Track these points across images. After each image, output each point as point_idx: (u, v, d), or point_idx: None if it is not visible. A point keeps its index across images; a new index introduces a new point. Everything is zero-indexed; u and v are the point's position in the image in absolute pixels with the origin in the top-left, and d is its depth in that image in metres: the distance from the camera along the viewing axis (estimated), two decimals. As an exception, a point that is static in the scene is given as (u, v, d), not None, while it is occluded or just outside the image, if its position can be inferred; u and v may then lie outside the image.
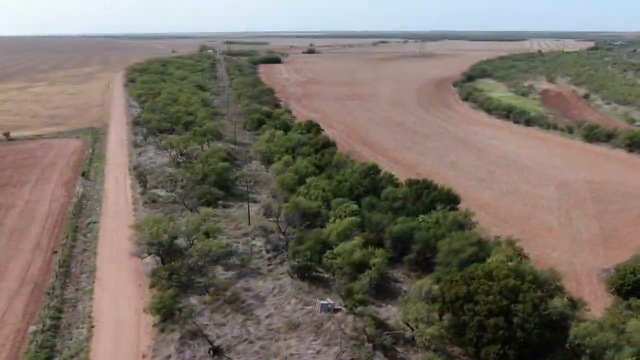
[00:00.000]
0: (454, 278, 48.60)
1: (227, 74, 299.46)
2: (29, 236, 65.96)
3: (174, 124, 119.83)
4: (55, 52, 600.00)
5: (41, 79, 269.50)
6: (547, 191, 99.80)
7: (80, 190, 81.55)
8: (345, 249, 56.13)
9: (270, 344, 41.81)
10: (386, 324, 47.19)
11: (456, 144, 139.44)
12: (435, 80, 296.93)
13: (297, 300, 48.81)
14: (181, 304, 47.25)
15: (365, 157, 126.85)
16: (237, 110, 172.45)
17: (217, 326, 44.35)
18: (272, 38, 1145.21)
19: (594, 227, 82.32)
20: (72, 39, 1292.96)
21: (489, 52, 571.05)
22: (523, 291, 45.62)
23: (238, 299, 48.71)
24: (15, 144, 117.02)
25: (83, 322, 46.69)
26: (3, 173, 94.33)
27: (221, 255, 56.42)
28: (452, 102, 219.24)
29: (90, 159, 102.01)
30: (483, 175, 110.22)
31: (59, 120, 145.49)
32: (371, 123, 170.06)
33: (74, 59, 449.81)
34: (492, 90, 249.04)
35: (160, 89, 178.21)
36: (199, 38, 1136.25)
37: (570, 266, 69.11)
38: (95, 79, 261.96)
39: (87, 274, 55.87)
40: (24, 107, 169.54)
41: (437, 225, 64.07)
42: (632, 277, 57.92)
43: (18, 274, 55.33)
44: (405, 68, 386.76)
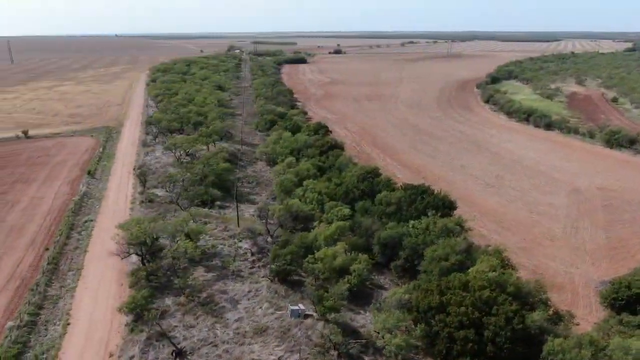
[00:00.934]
0: (429, 287, 47.64)
1: (250, 74, 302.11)
2: (26, 233, 67.96)
3: (184, 124, 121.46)
4: (89, 51, 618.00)
5: (70, 78, 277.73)
6: (556, 198, 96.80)
7: (83, 189, 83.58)
8: (326, 254, 55.71)
9: (234, 348, 41.84)
10: (359, 331, 46.54)
11: (469, 147, 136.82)
12: (459, 81, 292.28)
13: (270, 304, 48.70)
14: (155, 305, 47.79)
15: (373, 159, 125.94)
16: (253, 110, 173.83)
17: (186, 328, 44.67)
18: (302, 38, 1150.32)
19: (600, 238, 79.37)
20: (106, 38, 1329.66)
21: (519, 53, 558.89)
22: (497, 304, 44.30)
23: (212, 301, 48.95)
24: (32, 141, 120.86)
25: (60, 320, 47.75)
26: (16, 170, 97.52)
27: (204, 257, 56.78)
28: (472, 104, 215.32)
29: (99, 157, 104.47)
30: (492, 180, 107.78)
31: (78, 119, 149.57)
32: (386, 124, 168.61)
33: (105, 59, 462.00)
34: (516, 92, 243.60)
35: (178, 89, 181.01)
36: (230, 38, 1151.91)
37: (568, 277, 66.84)
38: (121, 79, 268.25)
39: (73, 271, 57.16)
40: (48, 105, 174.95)
41: (426, 231, 62.90)
42: (626, 291, 55.49)
43: (9, 270, 57.03)
44: (431, 69, 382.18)
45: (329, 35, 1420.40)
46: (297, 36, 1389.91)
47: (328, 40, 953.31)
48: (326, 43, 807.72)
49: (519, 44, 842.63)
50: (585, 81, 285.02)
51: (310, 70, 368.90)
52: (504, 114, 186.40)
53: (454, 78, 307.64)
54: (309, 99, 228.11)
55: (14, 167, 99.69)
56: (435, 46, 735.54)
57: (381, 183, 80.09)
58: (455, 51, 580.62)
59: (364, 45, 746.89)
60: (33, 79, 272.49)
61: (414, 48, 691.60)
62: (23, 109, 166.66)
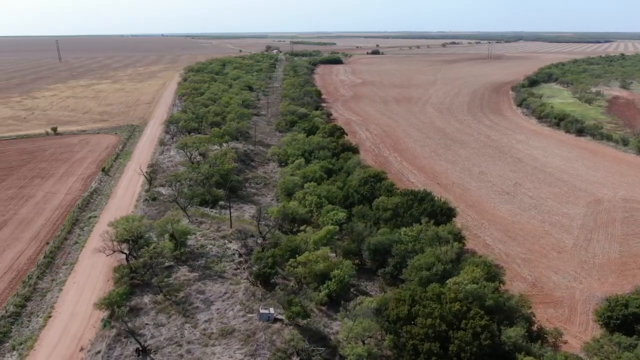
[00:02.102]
0: (401, 297, 46.65)
1: (283, 75, 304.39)
2: (33, 226, 71.05)
3: (201, 124, 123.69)
4: (134, 50, 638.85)
5: (109, 77, 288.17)
6: (574, 208, 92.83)
7: (94, 185, 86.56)
8: (308, 259, 55.50)
9: (196, 349, 42.34)
10: (329, 338, 46.13)
11: (492, 153, 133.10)
12: (495, 84, 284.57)
13: (243, 307, 48.97)
14: (132, 302, 48.97)
15: (390, 162, 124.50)
16: (278, 111, 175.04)
17: (156, 326, 45.54)
18: (342, 39, 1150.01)
19: (613, 251, 75.58)
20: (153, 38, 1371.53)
21: (565, 54, 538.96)
22: (467, 318, 42.90)
23: (187, 301, 49.70)
24: (59, 138, 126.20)
25: (44, 312, 49.68)
26: (38, 165, 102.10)
27: (190, 256, 57.72)
28: (504, 107, 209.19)
29: (117, 155, 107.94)
30: (509, 188, 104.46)
31: (107, 116, 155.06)
32: (410, 128, 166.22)
33: (148, 58, 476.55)
34: (554, 96, 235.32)
35: (206, 89, 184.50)
36: (272, 38, 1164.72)
37: (568, 292, 64.02)
38: (156, 78, 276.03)
39: (67, 266, 59.31)
40: (82, 103, 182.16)
41: (417, 239, 61.63)
42: (622, 309, 52.56)
43: (8, 262, 59.82)
44: (468, 71, 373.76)
45: (370, 36, 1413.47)
46: (338, 36, 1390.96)
47: (369, 41, 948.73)
48: (366, 43, 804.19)
49: (567, 45, 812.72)
50: (630, 85, 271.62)
51: (344, 71, 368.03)
52: (535, 118, 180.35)
53: (490, 80, 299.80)
54: (337, 100, 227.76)
55: (37, 162, 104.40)
56: (476, 47, 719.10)
57: (382, 188, 79.01)
58: (496, 52, 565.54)
59: (403, 46, 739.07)
60: (74, 77, 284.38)
61: (454, 49, 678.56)
62: (58, 107, 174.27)
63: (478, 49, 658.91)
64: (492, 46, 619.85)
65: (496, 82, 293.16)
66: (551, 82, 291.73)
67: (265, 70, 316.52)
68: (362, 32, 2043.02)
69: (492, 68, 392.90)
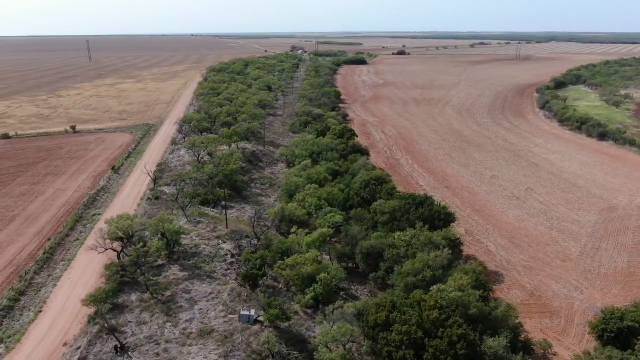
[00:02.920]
0: (382, 302, 46.23)
1: (304, 75, 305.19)
2: (38, 222, 73.20)
3: (212, 124, 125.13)
4: (162, 50, 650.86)
5: (133, 76, 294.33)
6: (585, 215, 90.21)
7: (102, 183, 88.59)
8: (296, 261, 55.55)
9: (173, 348, 42.87)
10: (309, 342, 46.04)
11: (508, 157, 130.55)
12: (520, 85, 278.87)
13: (226, 307, 49.33)
14: (119, 299, 49.96)
15: (401, 165, 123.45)
16: (294, 111, 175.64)
17: (138, 324, 46.30)
18: (369, 39, 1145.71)
19: (620, 261, 73.09)
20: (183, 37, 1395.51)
21: (597, 55, 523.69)
22: (444, 326, 42.17)
23: (172, 300, 50.38)
24: (77, 136, 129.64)
25: (36, 306, 51.13)
26: (53, 162, 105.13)
27: (182, 256, 58.51)
28: (526, 110, 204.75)
29: (129, 153, 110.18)
30: (519, 193, 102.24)
31: (125, 115, 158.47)
32: (427, 130, 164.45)
33: (174, 57, 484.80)
34: (580, 98, 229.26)
35: (224, 89, 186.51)
36: (299, 37, 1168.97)
37: (567, 302, 62.19)
38: (178, 77, 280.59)
39: (65, 262, 60.88)
40: (103, 102, 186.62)
41: (409, 244, 60.92)
42: (617, 322, 50.71)
43: (9, 257, 61.78)
44: (494, 72, 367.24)
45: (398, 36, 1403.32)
46: (366, 36, 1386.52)
47: (396, 41, 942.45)
48: (393, 44, 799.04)
49: (601, 45, 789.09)
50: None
51: (367, 71, 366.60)
52: (556, 121, 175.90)
53: (515, 82, 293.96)
54: (356, 100, 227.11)
55: (52, 159, 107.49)
56: (505, 48, 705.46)
57: (383, 191, 78.38)
58: (525, 53, 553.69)
59: (430, 46, 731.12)
60: (101, 76, 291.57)
61: (482, 49, 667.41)
62: (80, 105, 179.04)
63: (507, 50, 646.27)
64: (521, 47, 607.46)
65: (521, 83, 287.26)
66: (579, 84, 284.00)
67: (288, 71, 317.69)
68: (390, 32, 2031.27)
69: (519, 69, 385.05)
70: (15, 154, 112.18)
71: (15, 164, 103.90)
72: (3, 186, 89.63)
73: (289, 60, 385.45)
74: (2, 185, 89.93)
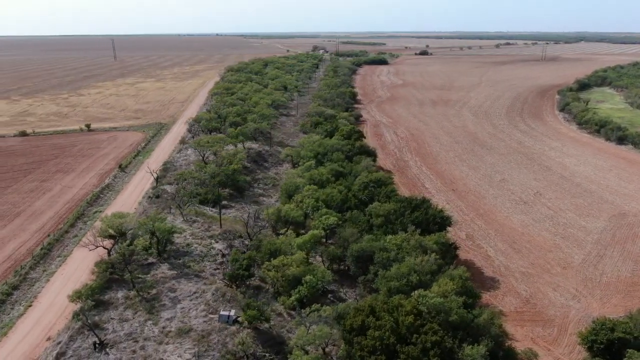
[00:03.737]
0: (361, 307, 45.95)
1: (323, 75, 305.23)
2: (41, 219, 75.10)
3: (221, 124, 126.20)
4: (186, 49, 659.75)
5: (154, 75, 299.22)
6: (593, 222, 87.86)
7: (107, 181, 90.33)
8: (283, 263, 55.65)
9: (149, 346, 43.42)
10: (288, 344, 46.04)
11: (520, 160, 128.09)
12: (542, 87, 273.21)
13: (208, 307, 49.71)
14: (106, 296, 50.88)
15: (409, 167, 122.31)
16: (307, 112, 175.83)
17: (120, 322, 47.05)
18: (394, 39, 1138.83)
19: (624, 270, 70.93)
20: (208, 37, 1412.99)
21: (627, 56, 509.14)
22: (419, 332, 41.65)
23: (156, 298, 51.03)
24: (91, 134, 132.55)
25: (27, 301, 52.49)
26: (64, 160, 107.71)
27: (173, 254, 59.26)
28: (545, 112, 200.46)
29: (138, 152, 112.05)
30: (527, 197, 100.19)
31: (140, 114, 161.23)
32: (440, 131, 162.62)
33: (197, 57, 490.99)
34: (603, 101, 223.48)
35: (239, 89, 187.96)
36: (323, 37, 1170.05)
37: (563, 311, 60.65)
38: (197, 77, 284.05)
39: (61, 258, 62.29)
40: (121, 101, 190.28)
41: (400, 247, 60.34)
42: (608, 333, 49.23)
43: (8, 252, 63.55)
44: (517, 73, 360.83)
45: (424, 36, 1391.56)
46: (391, 36, 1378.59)
47: (421, 41, 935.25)
48: (417, 44, 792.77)
49: (633, 46, 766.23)
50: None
51: (387, 71, 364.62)
52: (575, 124, 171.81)
53: (538, 83, 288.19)
54: (372, 101, 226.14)
55: (64, 157, 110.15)
56: (532, 48, 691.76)
57: (381, 193, 77.83)
58: (552, 54, 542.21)
59: (454, 47, 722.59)
60: (123, 75, 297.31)
61: (507, 50, 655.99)
62: (99, 104, 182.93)
63: (533, 51, 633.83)
64: (549, 47, 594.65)
65: (544, 85, 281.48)
66: (605, 86, 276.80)
67: (307, 71, 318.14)
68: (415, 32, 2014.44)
69: (544, 70, 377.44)
70: (31, 151, 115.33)
71: (29, 161, 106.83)
72: (14, 182, 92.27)
73: (309, 61, 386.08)
74: (14, 182, 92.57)
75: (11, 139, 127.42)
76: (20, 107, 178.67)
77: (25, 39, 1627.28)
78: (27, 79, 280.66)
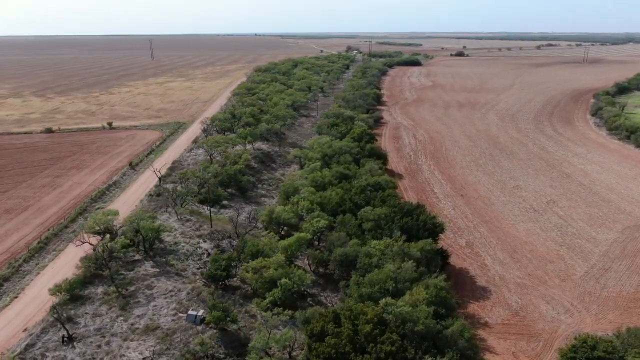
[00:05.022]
0: (325, 312, 45.61)
1: (352, 76, 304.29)
2: (46, 213, 78.04)
3: (234, 124, 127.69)
4: (222, 49, 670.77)
5: (186, 75, 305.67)
6: (605, 233, 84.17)
7: (115, 178, 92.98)
8: (260, 264, 55.87)
9: (114, 342, 44.44)
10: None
11: (539, 166, 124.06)
12: (579, 90, 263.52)
13: (180, 306, 50.44)
14: (86, 291, 52.45)
15: (421, 170, 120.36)
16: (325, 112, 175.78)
17: (93, 317, 48.35)
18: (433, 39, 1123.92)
19: (629, 285, 67.58)
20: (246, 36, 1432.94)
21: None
22: (377, 341, 40.96)
23: (133, 295, 52.17)
24: (112, 132, 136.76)
25: (14, 293, 54.67)
26: (81, 157, 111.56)
27: (159, 252, 60.47)
28: (576, 117, 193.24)
29: (151, 151, 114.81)
30: (539, 205, 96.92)
31: (163, 113, 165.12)
32: (461, 135, 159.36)
33: (232, 57, 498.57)
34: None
35: (261, 89, 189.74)
36: (362, 38, 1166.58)
37: (552, 325, 58.22)
38: (226, 77, 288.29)
39: (56, 252, 64.53)
40: (147, 100, 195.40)
41: (384, 253, 59.53)
42: (588, 352, 47.02)
43: (8, 245, 66.30)
44: (554, 75, 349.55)
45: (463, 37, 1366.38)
46: (429, 37, 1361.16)
47: (459, 42, 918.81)
48: (455, 45, 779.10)
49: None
50: None
51: (418, 73, 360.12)
52: (606, 129, 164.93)
53: (575, 86, 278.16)
54: (397, 102, 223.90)
55: (82, 154, 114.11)
56: (575, 50, 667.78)
57: (377, 198, 76.97)
58: (595, 56, 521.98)
59: (492, 48, 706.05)
60: (155, 75, 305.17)
61: (548, 51, 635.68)
62: (125, 102, 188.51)
63: (576, 52, 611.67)
64: (594, 49, 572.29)
65: (581, 88, 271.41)
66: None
67: (336, 72, 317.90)
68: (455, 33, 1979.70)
69: (584, 73, 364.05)
70: (52, 148, 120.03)
71: (49, 157, 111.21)
72: (30, 177, 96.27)
73: (340, 61, 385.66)
74: (30, 176, 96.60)
75: (37, 135, 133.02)
76: (52, 104, 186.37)
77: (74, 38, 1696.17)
78: (66, 78, 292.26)
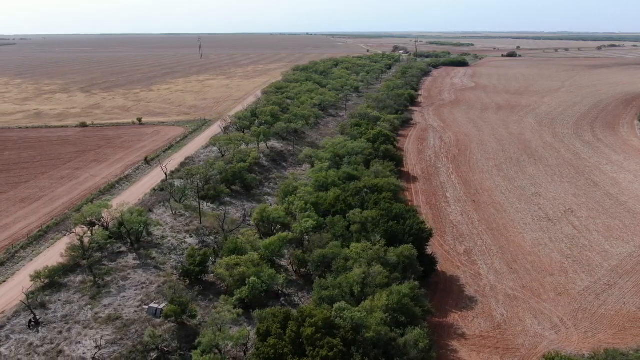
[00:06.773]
0: (277, 313, 45.58)
1: (392, 76, 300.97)
2: (55, 203, 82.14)
3: (251, 122, 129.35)
4: (271, 48, 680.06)
5: (227, 73, 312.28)
6: (620, 246, 79.28)
7: (128, 172, 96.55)
8: (234, 262, 56.53)
9: (74, 328, 46.22)
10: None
11: (566, 173, 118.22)
12: (631, 94, 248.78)
13: (147, 298, 51.81)
14: (66, 279, 54.96)
15: (439, 173, 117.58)
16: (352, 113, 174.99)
17: (64, 304, 50.52)
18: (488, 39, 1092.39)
19: (631, 304, 63.31)
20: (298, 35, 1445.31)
21: None
22: (316, 345, 40.53)
23: (107, 285, 54.10)
24: (140, 128, 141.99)
25: (4, 277, 58.01)
26: (105, 151, 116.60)
27: (144, 245, 62.45)
28: (622, 123, 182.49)
29: (170, 146, 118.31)
30: (554, 214, 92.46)
31: (193, 110, 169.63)
32: (490, 138, 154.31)
33: (278, 56, 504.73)
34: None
35: (292, 88, 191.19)
36: (415, 37, 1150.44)
37: (532, 341, 55.40)
38: (266, 75, 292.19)
39: (53, 241, 67.89)
40: (182, 97, 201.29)
41: (359, 257, 58.70)
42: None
43: (11, 232, 70.27)
44: (608, 77, 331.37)
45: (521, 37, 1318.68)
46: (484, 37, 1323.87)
47: (515, 42, 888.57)
48: (510, 45, 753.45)
49: None
50: None
51: (462, 74, 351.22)
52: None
53: (629, 90, 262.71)
54: (433, 104, 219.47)
55: (106, 148, 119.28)
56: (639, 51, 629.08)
57: (371, 200, 75.89)
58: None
59: (548, 48, 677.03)
60: (198, 73, 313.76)
61: (609, 53, 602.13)
62: (161, 99, 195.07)
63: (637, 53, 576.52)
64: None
65: (634, 92, 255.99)
66: None
67: (376, 71, 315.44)
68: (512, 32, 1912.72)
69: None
70: (81, 141, 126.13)
71: (75, 150, 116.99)
72: (52, 169, 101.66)
73: (382, 61, 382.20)
74: (52, 168, 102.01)
75: (71, 129, 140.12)
76: (94, 100, 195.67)
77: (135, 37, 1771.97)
78: (114, 74, 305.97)
